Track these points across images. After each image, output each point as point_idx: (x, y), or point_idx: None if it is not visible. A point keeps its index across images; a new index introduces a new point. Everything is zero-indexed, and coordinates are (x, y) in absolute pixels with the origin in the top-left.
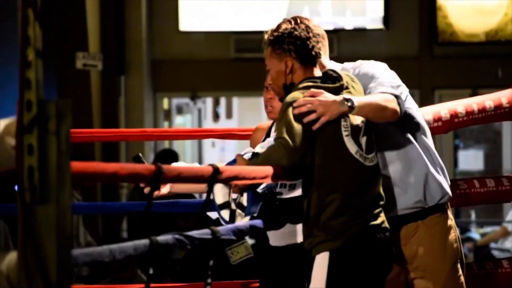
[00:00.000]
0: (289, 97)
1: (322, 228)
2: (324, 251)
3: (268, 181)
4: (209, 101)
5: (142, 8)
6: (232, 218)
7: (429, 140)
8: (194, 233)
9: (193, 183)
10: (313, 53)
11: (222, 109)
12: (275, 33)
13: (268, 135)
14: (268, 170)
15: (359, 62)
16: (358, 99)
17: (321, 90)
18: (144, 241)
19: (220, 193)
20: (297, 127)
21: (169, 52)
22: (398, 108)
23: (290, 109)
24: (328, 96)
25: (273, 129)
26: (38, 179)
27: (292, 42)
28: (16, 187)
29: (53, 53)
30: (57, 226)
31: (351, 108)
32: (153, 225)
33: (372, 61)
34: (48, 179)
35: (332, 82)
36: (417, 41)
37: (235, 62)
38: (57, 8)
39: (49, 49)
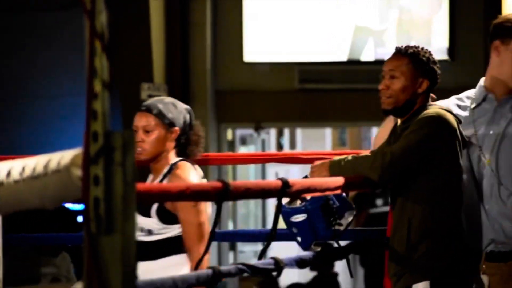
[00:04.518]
0: (439, 113)
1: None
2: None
3: (339, 191)
4: (272, 132)
5: (207, 39)
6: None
7: None
8: (258, 262)
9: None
10: (435, 84)
11: (285, 140)
12: (419, 50)
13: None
14: (340, 180)
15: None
16: None
17: None
18: (207, 271)
19: None
20: (418, 148)
21: (233, 82)
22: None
23: (434, 125)
24: None
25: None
26: (104, 209)
27: (431, 68)
28: (80, 217)
29: (119, 83)
30: (122, 256)
31: None
32: None
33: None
34: (114, 209)
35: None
36: (482, 72)
37: (299, 93)
38: (123, 39)
39: (115, 80)
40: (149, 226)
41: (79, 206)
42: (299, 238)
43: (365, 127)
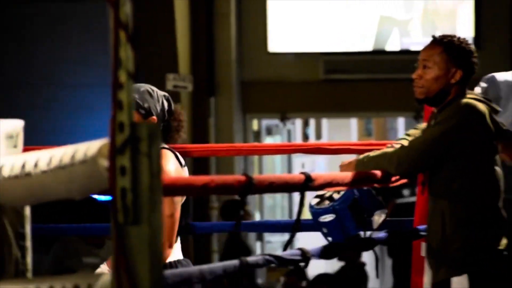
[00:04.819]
0: (468, 102)
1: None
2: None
3: (362, 186)
4: (298, 122)
5: (232, 30)
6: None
7: None
8: (285, 253)
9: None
10: (472, 75)
11: (311, 130)
12: (454, 40)
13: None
14: (362, 175)
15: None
16: None
17: None
18: (235, 262)
19: None
20: (443, 139)
21: (258, 73)
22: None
23: (461, 115)
24: None
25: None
26: (131, 200)
27: (466, 57)
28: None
29: (144, 74)
30: (149, 246)
31: None
32: None
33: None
34: (140, 200)
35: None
36: (508, 61)
37: (325, 83)
38: (148, 30)
39: (140, 71)
40: None
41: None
42: (330, 238)
43: (390, 117)
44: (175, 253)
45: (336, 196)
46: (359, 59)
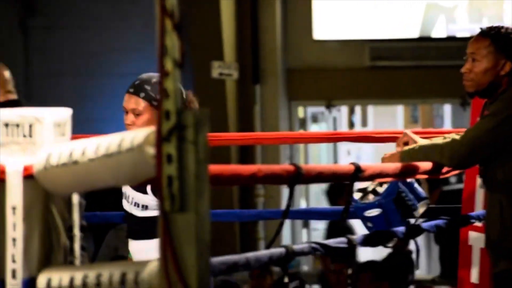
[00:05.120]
0: None
1: None
2: None
3: (412, 177)
4: (344, 109)
5: (277, 18)
6: (363, 199)
7: None
8: (330, 241)
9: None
10: None
11: (357, 118)
12: (501, 31)
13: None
14: (413, 166)
15: None
16: None
17: None
18: (280, 249)
19: None
20: (493, 131)
21: (303, 60)
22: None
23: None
24: None
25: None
26: (177, 188)
27: None
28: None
29: (190, 62)
30: (196, 234)
31: None
32: None
33: None
34: (187, 187)
35: None
36: None
37: (370, 70)
38: (193, 18)
39: (186, 59)
40: (146, 202)
41: None
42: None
43: (437, 104)
44: None
45: (379, 189)
46: (405, 46)
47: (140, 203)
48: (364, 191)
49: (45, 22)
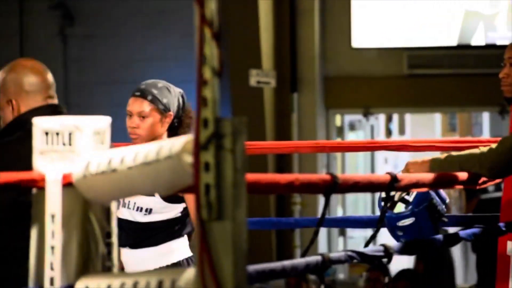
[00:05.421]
0: None
1: None
2: None
3: (449, 188)
4: (381, 117)
5: (315, 26)
6: (391, 207)
7: None
8: (367, 249)
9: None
10: None
11: (394, 126)
12: None
13: None
14: (448, 177)
15: None
16: None
17: None
18: (317, 257)
19: None
20: None
21: (341, 68)
22: None
23: None
24: None
25: None
26: (215, 196)
27: None
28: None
29: (228, 70)
30: (233, 242)
31: None
32: None
33: None
34: (225, 196)
35: None
36: None
37: (408, 78)
38: (232, 26)
39: (224, 67)
40: (150, 206)
41: None
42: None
43: (475, 112)
44: (186, 249)
45: (408, 198)
46: (444, 53)
47: (144, 206)
48: (391, 199)
49: (83, 31)
